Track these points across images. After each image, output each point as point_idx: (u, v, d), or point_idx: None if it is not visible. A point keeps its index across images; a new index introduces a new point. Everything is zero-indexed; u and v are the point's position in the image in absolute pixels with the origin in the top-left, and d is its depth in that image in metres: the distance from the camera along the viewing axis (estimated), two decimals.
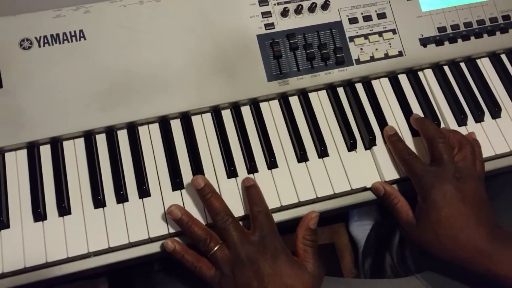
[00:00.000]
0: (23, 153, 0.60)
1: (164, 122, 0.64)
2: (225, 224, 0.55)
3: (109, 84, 0.63)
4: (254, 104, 0.66)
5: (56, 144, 0.61)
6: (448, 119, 0.68)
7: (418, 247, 0.58)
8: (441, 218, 0.55)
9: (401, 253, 0.90)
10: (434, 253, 0.57)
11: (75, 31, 0.63)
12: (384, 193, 0.61)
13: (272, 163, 0.62)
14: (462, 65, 0.72)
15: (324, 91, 0.68)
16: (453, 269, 0.65)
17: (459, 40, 0.71)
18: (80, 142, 0.62)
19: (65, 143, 0.62)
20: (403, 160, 0.61)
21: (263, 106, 0.66)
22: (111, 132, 0.63)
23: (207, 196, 0.57)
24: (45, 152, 0.61)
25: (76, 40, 0.63)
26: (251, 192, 0.58)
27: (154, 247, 0.59)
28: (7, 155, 0.61)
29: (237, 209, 0.60)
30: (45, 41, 0.63)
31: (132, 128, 0.63)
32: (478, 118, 0.68)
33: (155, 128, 0.64)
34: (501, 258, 0.53)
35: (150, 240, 0.59)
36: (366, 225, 1.23)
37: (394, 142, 0.63)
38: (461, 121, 0.67)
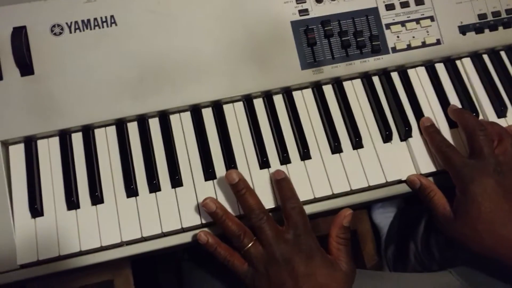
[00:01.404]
0: (55, 141, 0.60)
1: (195, 111, 0.63)
2: (260, 222, 0.54)
3: (140, 72, 0.62)
4: (287, 93, 0.65)
5: (88, 132, 0.61)
6: (487, 110, 0.66)
7: (456, 241, 0.57)
8: (481, 213, 0.54)
9: (426, 242, 0.89)
10: (473, 248, 0.55)
11: (106, 17, 0.62)
12: (420, 186, 0.60)
13: (305, 154, 0.61)
14: (503, 54, 0.69)
15: (358, 80, 0.67)
16: (486, 264, 0.64)
17: (500, 28, 0.68)
18: (112, 130, 0.61)
19: (96, 131, 0.61)
20: (440, 152, 0.59)
21: (296, 95, 0.65)
22: (142, 121, 0.62)
23: (241, 192, 0.56)
24: (77, 140, 0.60)
25: (107, 26, 0.62)
26: (282, 186, 0.57)
27: (187, 237, 0.59)
28: (39, 142, 0.60)
29: (269, 200, 0.59)
30: (76, 26, 0.62)
31: (164, 117, 0.62)
32: None
33: (186, 116, 0.63)
34: None
35: (183, 230, 0.58)
36: (389, 213, 1.22)
37: (431, 134, 0.61)
38: (501, 112, 0.65)
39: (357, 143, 0.62)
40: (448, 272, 0.67)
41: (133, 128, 0.62)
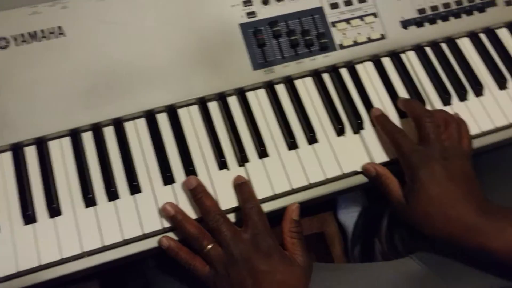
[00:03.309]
0: (7, 156, 0.59)
1: (150, 117, 0.63)
2: (217, 223, 0.55)
3: (92, 81, 0.61)
4: (241, 94, 0.66)
5: (41, 144, 0.60)
6: (432, 99, 0.69)
7: (410, 226, 0.59)
8: (430, 197, 0.56)
9: (390, 238, 0.91)
10: (426, 232, 0.57)
11: (53, 28, 0.62)
12: (375, 174, 0.61)
13: (262, 152, 0.62)
14: (443, 45, 0.73)
15: (310, 78, 0.68)
16: (445, 249, 0.67)
17: (439, 21, 0.72)
18: (67, 141, 0.61)
19: (50, 143, 0.60)
20: (392, 139, 0.61)
21: (250, 95, 0.66)
22: (97, 130, 0.61)
23: (198, 196, 0.57)
24: (31, 153, 0.59)
25: (55, 37, 0.61)
26: (243, 189, 0.58)
27: (149, 243, 0.58)
28: None
29: (230, 200, 0.59)
30: (22, 39, 0.61)
31: (119, 124, 0.62)
32: (462, 97, 0.69)
33: (141, 123, 0.63)
34: (491, 231, 0.54)
35: (144, 236, 0.58)
36: (354, 212, 1.24)
37: (382, 122, 0.63)
38: (446, 100, 0.68)
39: (311, 138, 0.64)
40: (409, 258, 0.68)
41: (88, 138, 0.61)
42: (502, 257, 0.53)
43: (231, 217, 0.60)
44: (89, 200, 0.57)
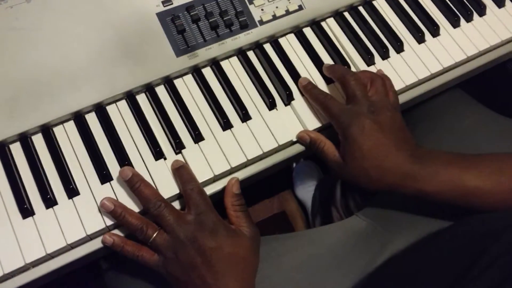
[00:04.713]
0: None
1: (78, 118, 0.62)
2: (159, 210, 0.55)
3: (12, 91, 0.60)
4: (168, 83, 0.66)
5: None
6: (356, 61, 0.71)
7: (350, 183, 0.60)
8: (364, 152, 0.58)
9: (345, 204, 0.93)
10: (365, 186, 0.59)
11: None
12: (310, 140, 0.63)
13: (197, 137, 0.62)
14: (361, 8, 0.75)
15: (235, 57, 0.69)
16: (389, 199, 0.69)
17: None
18: None
19: None
20: (320, 104, 0.62)
21: (178, 82, 0.66)
22: (25, 139, 0.60)
23: (136, 185, 0.56)
24: None
25: None
26: (181, 172, 0.58)
27: (96, 244, 0.58)
28: None
29: (171, 188, 0.59)
30: None
31: (47, 131, 0.61)
32: (384, 55, 0.71)
33: (70, 126, 0.62)
34: (425, 176, 0.56)
35: (89, 238, 0.57)
36: (310, 186, 1.27)
37: (309, 90, 0.64)
38: (369, 60, 0.70)
39: (244, 116, 0.64)
40: (355, 216, 0.71)
41: (16, 148, 0.60)
42: (436, 198, 0.56)
43: (176, 204, 0.60)
44: (26, 211, 0.56)
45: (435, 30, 0.73)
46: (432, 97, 0.76)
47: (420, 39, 0.73)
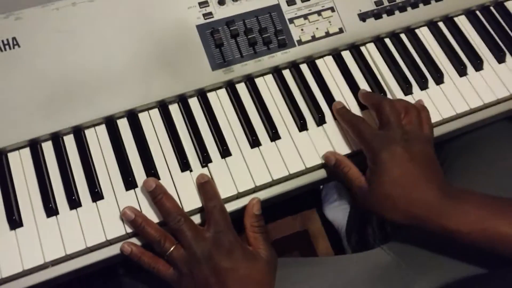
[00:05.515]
0: None
1: (110, 123, 0.63)
2: (178, 224, 0.55)
3: (50, 90, 0.61)
4: (201, 95, 0.66)
5: (0, 156, 0.59)
6: (394, 90, 0.69)
7: (374, 213, 0.59)
8: (392, 179, 0.56)
9: (381, 223, 0.92)
10: (390, 216, 0.57)
11: (7, 39, 0.61)
12: (335, 162, 0.61)
13: (225, 152, 0.62)
14: (403, 36, 0.73)
15: (270, 75, 0.69)
16: (416, 235, 0.67)
17: (397, 12, 0.72)
18: (26, 152, 0.60)
19: (10, 155, 0.60)
20: (352, 127, 0.61)
21: (211, 96, 0.66)
22: (57, 139, 0.61)
23: (158, 197, 0.56)
24: None
25: (10, 48, 0.61)
26: (206, 188, 0.58)
27: (114, 249, 0.58)
28: None
29: (194, 201, 0.59)
30: None
31: (78, 132, 0.62)
32: (423, 86, 0.69)
33: (102, 129, 0.63)
34: (451, 213, 0.54)
35: (109, 243, 0.58)
36: (342, 205, 1.25)
37: (342, 114, 0.63)
38: (407, 90, 0.69)
39: (274, 135, 0.64)
40: (380, 249, 0.69)
41: (48, 148, 0.61)
42: (463, 239, 0.54)
43: (197, 218, 0.60)
44: (51, 210, 0.57)
45: (478, 64, 0.71)
46: (476, 128, 0.73)
47: (461, 71, 0.71)
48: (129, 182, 0.59)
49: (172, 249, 0.54)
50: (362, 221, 1.02)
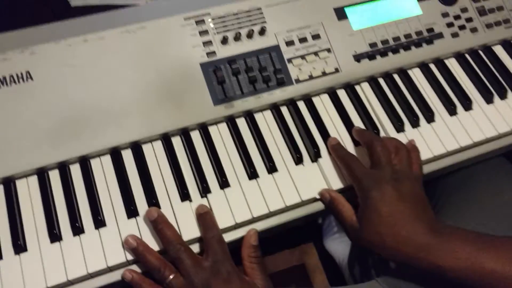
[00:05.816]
0: None
1: (115, 153, 0.65)
2: (178, 253, 0.57)
3: (58, 121, 0.64)
4: (203, 129, 0.69)
5: (9, 183, 0.62)
6: (387, 127, 0.72)
7: (365, 249, 0.61)
8: (381, 218, 0.58)
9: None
10: (380, 252, 0.59)
11: (21, 73, 0.65)
12: (329, 199, 0.64)
13: (224, 183, 0.65)
14: (396, 76, 0.77)
15: (269, 111, 0.72)
16: (411, 274, 0.68)
17: (390, 54, 0.76)
18: (33, 180, 0.63)
19: (18, 182, 0.63)
20: (345, 164, 0.64)
21: (212, 129, 0.69)
22: (63, 168, 0.64)
23: (159, 226, 0.59)
24: None
25: (23, 81, 0.65)
26: (205, 219, 0.61)
27: (114, 276, 0.60)
28: None
29: (193, 230, 0.61)
30: None
31: (84, 162, 0.65)
32: (414, 124, 0.72)
33: (107, 159, 0.65)
34: (441, 250, 0.55)
35: (109, 270, 0.59)
36: (346, 237, 1.26)
37: (336, 150, 0.66)
38: (399, 127, 0.72)
39: (271, 168, 0.66)
40: (375, 281, 0.70)
41: (54, 176, 0.64)
42: (451, 275, 0.55)
43: (196, 247, 0.62)
44: (55, 236, 0.59)
45: (467, 104, 0.74)
46: (471, 164, 0.75)
47: (452, 111, 0.74)
48: (131, 211, 0.62)
49: (171, 277, 0.56)
50: (363, 253, 1.03)
